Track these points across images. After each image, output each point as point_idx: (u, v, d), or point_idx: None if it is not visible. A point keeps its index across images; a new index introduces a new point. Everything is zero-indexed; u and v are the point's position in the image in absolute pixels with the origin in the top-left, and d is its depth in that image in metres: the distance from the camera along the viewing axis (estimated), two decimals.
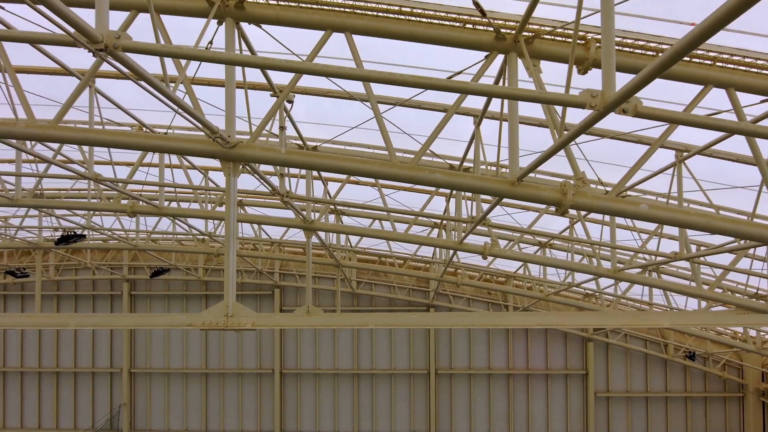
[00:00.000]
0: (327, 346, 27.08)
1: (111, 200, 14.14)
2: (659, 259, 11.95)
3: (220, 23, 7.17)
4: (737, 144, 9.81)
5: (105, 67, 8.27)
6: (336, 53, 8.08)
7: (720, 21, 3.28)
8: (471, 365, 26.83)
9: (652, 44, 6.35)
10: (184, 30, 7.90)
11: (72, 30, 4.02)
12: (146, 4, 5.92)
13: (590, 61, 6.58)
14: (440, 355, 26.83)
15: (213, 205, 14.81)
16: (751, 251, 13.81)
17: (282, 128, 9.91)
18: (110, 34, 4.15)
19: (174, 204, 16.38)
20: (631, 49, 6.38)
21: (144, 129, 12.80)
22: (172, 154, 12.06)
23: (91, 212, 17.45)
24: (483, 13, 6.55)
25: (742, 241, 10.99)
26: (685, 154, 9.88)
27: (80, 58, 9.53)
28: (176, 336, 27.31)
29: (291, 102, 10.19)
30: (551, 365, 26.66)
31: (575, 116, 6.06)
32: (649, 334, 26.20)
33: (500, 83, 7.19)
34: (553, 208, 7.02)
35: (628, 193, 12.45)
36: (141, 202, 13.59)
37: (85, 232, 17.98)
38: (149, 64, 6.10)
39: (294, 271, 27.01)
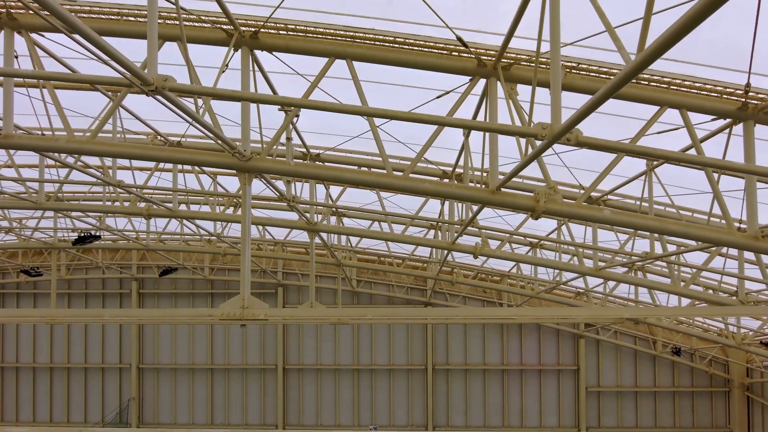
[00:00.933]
0: (328, 342, 28.09)
1: (128, 203, 15.16)
2: (636, 258, 12.95)
3: (236, 50, 8.21)
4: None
5: None
6: (339, 73, 9.11)
7: (646, 62, 4.21)
8: (467, 361, 27.83)
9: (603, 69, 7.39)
10: (199, 50, 8.93)
11: (128, 74, 5.03)
12: (177, 35, 6.96)
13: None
14: (437, 352, 27.84)
15: (223, 207, 15.83)
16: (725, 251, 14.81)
17: (288, 139, 10.94)
18: (159, 78, 5.17)
19: (183, 206, 17.45)
20: (587, 73, 7.40)
21: (159, 138, 13.84)
22: (196, 165, 13.05)
23: (105, 214, 18.41)
24: (465, 45, 7.59)
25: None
26: (654, 162, 10.90)
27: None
28: (183, 332, 28.33)
29: (297, 116, 11.22)
30: (544, 361, 27.66)
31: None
32: (638, 331, 27.22)
33: (483, 103, 8.23)
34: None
35: (610, 197, 13.50)
36: (154, 206, 14.61)
37: (100, 233, 18.97)
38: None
39: (296, 270, 28.02)
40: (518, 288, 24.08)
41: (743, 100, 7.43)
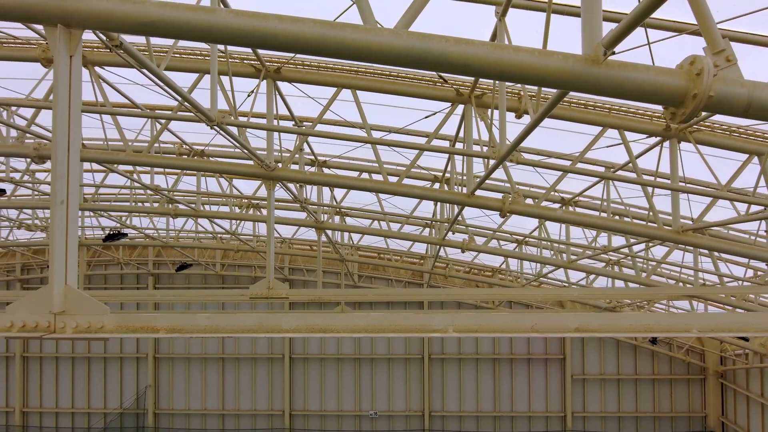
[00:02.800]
0: None
1: (156, 204, 17.18)
2: (598, 251, 14.98)
3: (262, 80, 10.21)
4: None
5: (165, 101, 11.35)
6: (346, 96, 11.09)
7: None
8: (460, 351, 29.84)
9: None
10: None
11: (194, 110, 7.04)
12: (224, 70, 8.96)
13: (522, 110, 9.58)
14: (433, 342, 29.82)
15: (241, 209, 17.84)
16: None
17: (300, 150, 12.95)
18: (219, 115, 7.15)
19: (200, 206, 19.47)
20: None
21: (184, 146, 15.83)
22: (231, 175, 15.00)
23: (135, 213, 20.39)
24: (445, 80, 9.61)
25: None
26: (612, 170, 12.90)
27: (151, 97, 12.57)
28: None
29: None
30: (532, 351, 29.66)
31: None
32: None
33: (461, 125, 10.23)
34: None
35: (580, 198, 15.49)
36: (180, 206, 16.63)
37: (126, 231, 20.97)
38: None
39: (302, 266, 30.03)
40: (507, 282, 26.09)
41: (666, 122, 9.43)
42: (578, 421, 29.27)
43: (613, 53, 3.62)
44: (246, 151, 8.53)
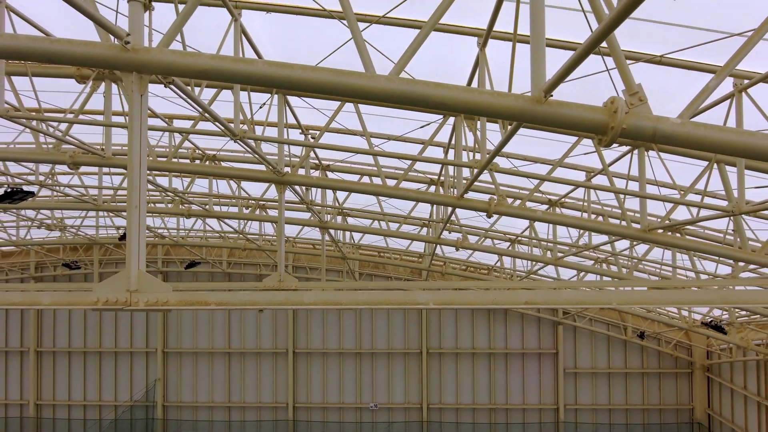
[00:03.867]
0: (333, 328, 31.32)
1: (171, 205, 18.39)
2: (580, 248, 16.14)
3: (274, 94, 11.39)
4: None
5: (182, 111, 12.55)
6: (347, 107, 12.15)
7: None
8: (458, 345, 31.05)
9: None
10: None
11: (222, 127, 8.25)
12: (231, 86, 10.12)
13: (506, 123, 10.79)
14: (431, 337, 31.06)
15: (248, 209, 19.05)
16: None
17: (307, 157, 14.16)
18: (242, 131, 8.35)
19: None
20: None
21: (197, 151, 17.02)
22: (246, 180, 16.15)
23: (152, 214, 21.56)
24: None
25: None
26: (591, 176, 14.08)
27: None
28: (203, 320, 31.57)
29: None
30: (526, 345, 30.86)
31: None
32: (611, 318, 30.41)
33: (453, 135, 11.39)
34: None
35: (566, 200, 16.66)
36: (193, 206, 17.85)
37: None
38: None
39: (305, 264, 31.25)
40: (501, 280, 27.28)
41: None
42: (570, 413, 30.48)
43: (551, 96, 4.83)
44: (261, 158, 9.72)
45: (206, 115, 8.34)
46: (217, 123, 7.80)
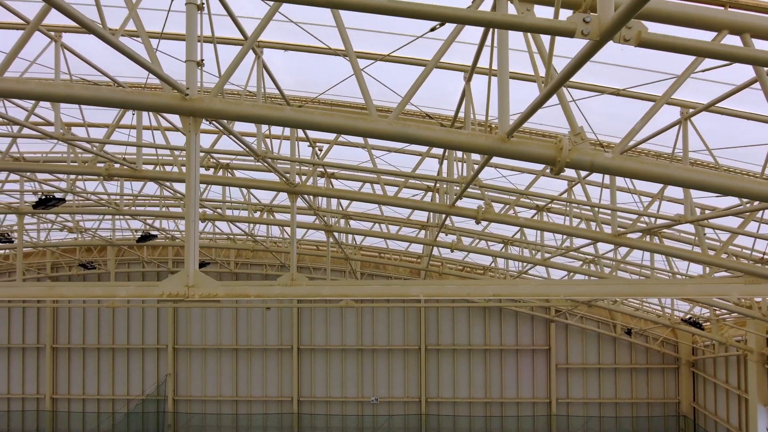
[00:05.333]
0: (336, 326, 32.79)
1: (183, 208, 19.81)
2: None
3: None
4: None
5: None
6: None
7: None
8: (454, 342, 32.50)
9: None
10: None
11: (246, 148, 9.71)
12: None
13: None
14: (429, 334, 32.51)
15: (259, 213, 20.52)
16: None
17: (315, 165, 15.58)
18: (263, 151, 9.80)
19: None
20: None
21: (212, 159, 18.39)
22: (261, 189, 17.38)
23: (166, 209, 22.94)
24: (430, 116, 12.27)
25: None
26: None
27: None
28: (211, 318, 33.05)
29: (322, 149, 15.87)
30: (520, 342, 32.31)
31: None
32: (600, 316, 31.86)
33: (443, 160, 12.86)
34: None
35: (553, 205, 18.06)
36: (208, 211, 19.28)
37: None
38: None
39: (308, 265, 32.69)
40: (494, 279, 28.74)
41: None
42: (562, 406, 31.92)
43: (513, 136, 6.29)
44: (278, 173, 11.18)
45: (231, 137, 9.79)
46: (242, 144, 9.25)
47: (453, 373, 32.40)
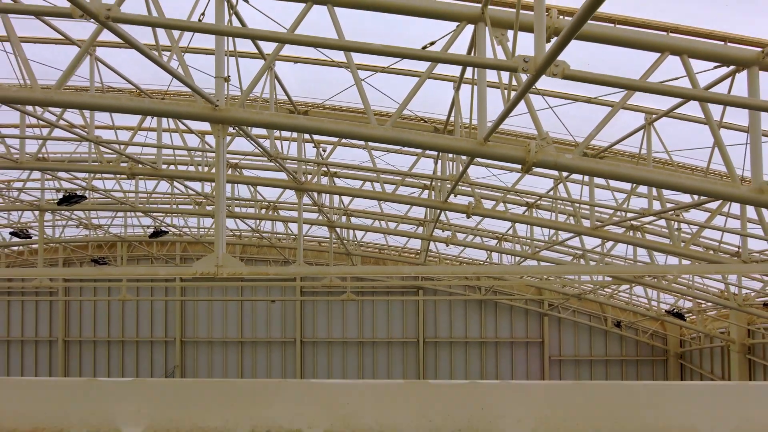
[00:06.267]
0: (337, 319, 34.03)
1: (198, 206, 21.06)
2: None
3: None
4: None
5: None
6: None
7: None
8: (452, 335, 33.75)
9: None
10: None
11: (260, 149, 10.95)
12: None
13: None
14: (427, 327, 33.76)
15: (264, 211, 21.76)
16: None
17: (319, 165, 16.82)
18: (276, 152, 11.02)
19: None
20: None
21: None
22: (270, 186, 18.47)
23: (175, 206, 24.17)
24: (424, 121, 13.51)
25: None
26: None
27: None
28: (217, 311, 34.31)
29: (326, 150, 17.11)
30: (515, 335, 33.56)
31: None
32: (592, 310, 33.10)
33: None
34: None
35: (541, 202, 19.27)
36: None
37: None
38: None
39: (311, 260, 33.94)
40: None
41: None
42: None
43: (489, 141, 7.53)
44: (288, 172, 12.41)
45: (248, 139, 11.03)
46: (258, 146, 10.50)
47: (450, 364, 33.63)
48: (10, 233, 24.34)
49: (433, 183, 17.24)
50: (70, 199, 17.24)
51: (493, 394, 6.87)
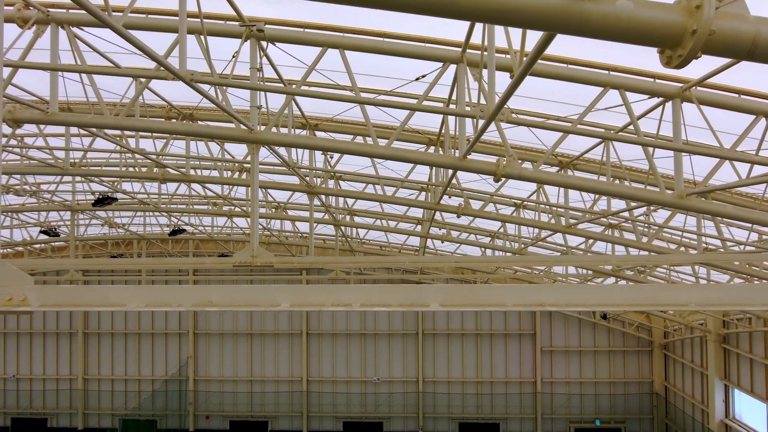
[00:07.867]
0: (341, 312, 36.00)
1: (214, 206, 23.09)
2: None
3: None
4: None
5: None
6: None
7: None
8: (449, 327, 35.78)
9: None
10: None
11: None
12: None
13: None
14: (426, 320, 35.79)
15: (272, 211, 23.78)
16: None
17: (326, 172, 18.83)
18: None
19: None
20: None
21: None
22: (282, 190, 20.37)
23: (191, 207, 26.24)
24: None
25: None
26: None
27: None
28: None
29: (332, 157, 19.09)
30: (509, 327, 35.57)
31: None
32: None
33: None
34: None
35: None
36: (236, 209, 22.56)
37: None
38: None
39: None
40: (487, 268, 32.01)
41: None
42: (546, 385, 35.16)
43: (468, 156, 9.55)
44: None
45: (273, 153, 13.05)
46: (279, 157, 12.51)
47: (447, 355, 35.66)
48: (40, 231, 26.30)
49: (428, 186, 19.21)
50: (103, 201, 19.25)
51: None
